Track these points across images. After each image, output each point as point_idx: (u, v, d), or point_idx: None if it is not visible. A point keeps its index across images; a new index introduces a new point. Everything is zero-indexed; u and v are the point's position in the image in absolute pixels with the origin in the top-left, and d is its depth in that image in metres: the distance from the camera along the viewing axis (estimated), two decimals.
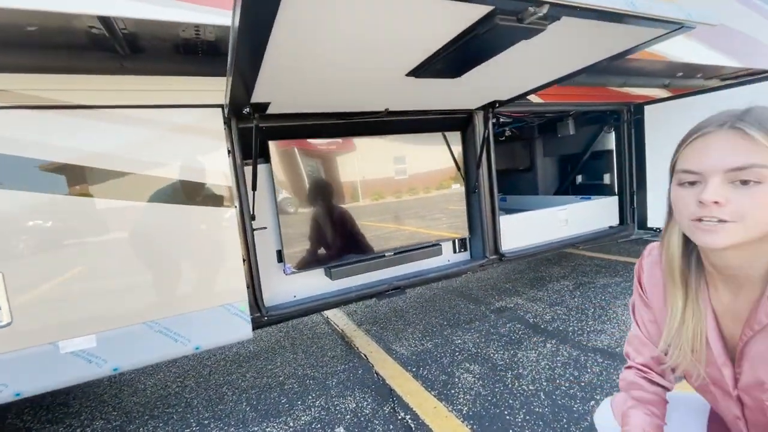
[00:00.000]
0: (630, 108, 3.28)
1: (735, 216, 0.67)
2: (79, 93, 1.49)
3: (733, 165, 0.66)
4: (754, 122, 0.66)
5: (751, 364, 0.76)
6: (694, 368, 0.86)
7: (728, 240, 0.68)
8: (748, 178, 0.65)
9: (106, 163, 1.54)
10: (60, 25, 1.29)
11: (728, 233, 0.67)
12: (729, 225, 0.67)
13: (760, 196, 0.65)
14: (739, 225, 0.67)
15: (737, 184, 0.66)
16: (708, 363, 0.83)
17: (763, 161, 0.64)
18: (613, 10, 1.07)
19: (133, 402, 2.32)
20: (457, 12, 1.05)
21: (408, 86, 1.71)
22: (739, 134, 0.66)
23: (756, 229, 0.67)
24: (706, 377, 0.85)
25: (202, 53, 1.66)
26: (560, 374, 2.15)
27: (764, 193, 0.65)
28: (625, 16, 1.13)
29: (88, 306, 1.54)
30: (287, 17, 0.98)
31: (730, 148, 0.67)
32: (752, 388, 0.77)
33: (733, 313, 0.79)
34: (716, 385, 0.84)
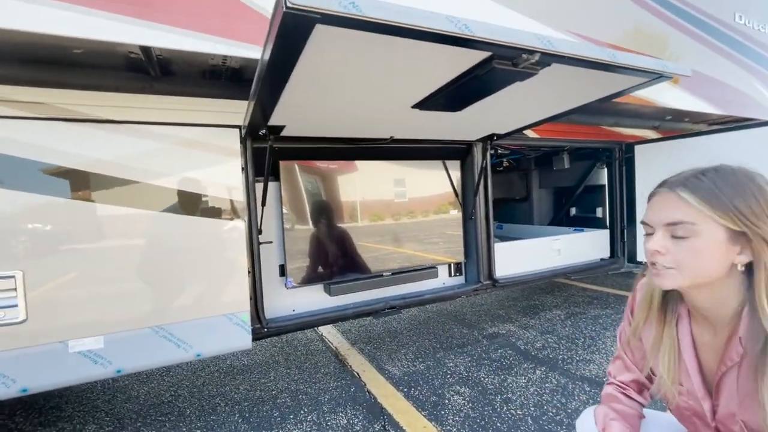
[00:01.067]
0: (621, 147, 3.45)
1: (673, 264, 0.79)
2: (108, 109, 1.62)
3: (668, 221, 0.80)
4: (688, 186, 0.79)
5: (727, 398, 0.83)
6: (673, 396, 0.93)
7: (671, 283, 0.81)
8: (679, 233, 0.78)
9: (128, 174, 1.65)
10: (104, 50, 1.43)
11: (670, 278, 0.81)
12: (671, 271, 0.80)
13: (690, 248, 0.77)
14: (677, 271, 0.79)
15: (677, 236, 0.79)
16: (689, 395, 0.90)
17: (690, 219, 0.77)
18: (596, 60, 1.22)
19: (126, 408, 2.34)
20: (460, 56, 1.19)
21: (412, 117, 1.85)
22: (675, 196, 0.80)
23: (694, 276, 0.79)
24: (688, 408, 0.92)
25: (225, 78, 1.80)
26: (548, 400, 2.20)
27: (693, 245, 0.77)
28: (608, 65, 1.28)
29: (98, 307, 1.61)
30: (310, 56, 1.12)
31: (668, 207, 0.81)
32: (727, 420, 0.84)
33: (713, 349, 0.86)
34: (697, 416, 0.91)
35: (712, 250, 0.76)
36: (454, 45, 1.05)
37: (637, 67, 1.30)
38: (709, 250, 0.76)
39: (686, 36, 3.08)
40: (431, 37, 1.00)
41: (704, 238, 0.76)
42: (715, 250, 0.76)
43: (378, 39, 1.02)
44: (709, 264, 0.77)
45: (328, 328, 3.54)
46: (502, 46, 1.06)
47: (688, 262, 0.78)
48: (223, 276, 1.83)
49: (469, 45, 1.07)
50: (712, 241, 0.76)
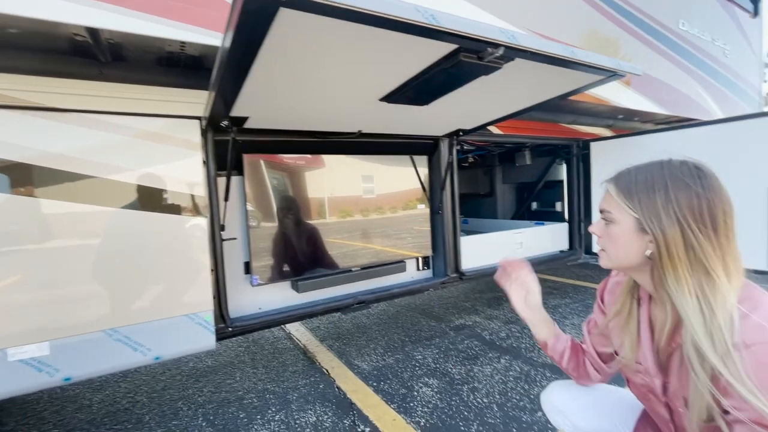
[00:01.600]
0: (579, 143, 3.62)
1: (603, 246, 0.93)
2: (53, 96, 1.49)
3: (600, 208, 0.93)
4: (614, 180, 0.91)
5: (675, 376, 0.88)
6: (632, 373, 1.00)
7: (601, 263, 0.94)
8: (606, 219, 0.91)
9: (77, 168, 1.53)
10: (43, 31, 1.31)
11: (602, 259, 0.95)
12: (602, 253, 0.94)
13: (610, 233, 0.89)
14: (606, 254, 0.93)
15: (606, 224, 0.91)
16: (646, 373, 0.96)
17: (610, 209, 0.89)
18: (556, 55, 1.27)
19: (78, 419, 2.19)
20: (427, 48, 1.19)
21: (380, 110, 1.84)
22: (606, 188, 0.93)
23: (616, 259, 0.90)
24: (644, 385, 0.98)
25: (184, 66, 1.71)
26: (512, 388, 2.28)
27: (612, 231, 0.89)
28: (567, 62, 1.34)
29: (44, 312, 1.49)
30: (272, 42, 1.08)
31: (603, 197, 0.93)
32: (674, 396, 0.90)
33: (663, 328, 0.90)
34: (651, 393, 0.97)
35: (625, 238, 0.86)
36: (421, 36, 1.06)
37: (594, 64, 1.36)
38: (623, 237, 0.86)
39: (636, 40, 3.27)
40: (399, 26, 1.00)
41: (620, 226, 0.87)
42: (628, 238, 0.86)
43: (345, 27, 1.01)
44: (625, 250, 0.87)
45: (296, 325, 3.48)
46: (468, 38, 1.08)
47: (609, 247, 0.91)
48: (183, 274, 1.75)
49: (436, 36, 1.08)
50: (625, 229, 0.86)
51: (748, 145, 2.57)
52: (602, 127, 3.88)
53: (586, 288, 4.16)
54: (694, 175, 0.81)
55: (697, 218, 0.78)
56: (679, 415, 0.91)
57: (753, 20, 4.53)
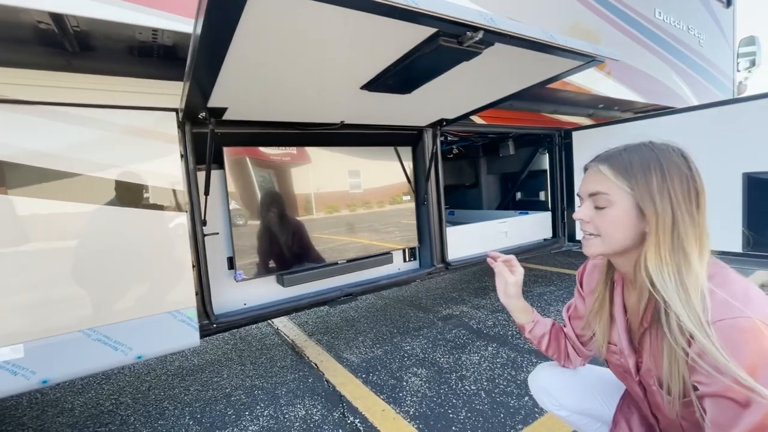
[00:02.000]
0: (561, 133, 3.66)
1: (595, 231, 0.88)
2: (17, 87, 1.42)
3: (590, 191, 0.88)
4: (608, 161, 0.87)
5: (647, 355, 0.91)
6: (606, 354, 1.02)
7: (594, 250, 0.89)
8: (599, 203, 0.86)
9: (44, 162, 1.47)
10: (4, 18, 1.24)
11: (593, 245, 0.89)
12: (595, 239, 0.89)
13: (607, 217, 0.85)
14: (600, 240, 0.88)
15: (597, 207, 0.87)
16: (621, 354, 0.98)
17: (605, 190, 0.85)
18: (536, 39, 1.27)
19: (59, 423, 2.13)
20: (406, 31, 1.18)
21: (362, 100, 1.82)
22: (596, 169, 0.89)
23: (613, 243, 0.86)
24: (619, 365, 1.01)
25: (157, 57, 1.65)
26: (499, 374, 2.31)
27: (608, 214, 0.85)
28: (547, 46, 1.34)
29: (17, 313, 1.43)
30: (247, 28, 1.05)
31: (590, 180, 0.89)
32: (646, 375, 0.92)
33: (637, 311, 0.93)
34: (626, 372, 0.99)
35: (624, 219, 0.83)
36: (401, 19, 1.04)
37: (573, 48, 1.37)
38: (622, 219, 0.83)
39: (616, 31, 3.31)
40: (377, 8, 0.98)
41: (618, 208, 0.84)
42: (627, 219, 0.83)
43: (321, 9, 0.98)
44: (624, 232, 0.84)
45: (283, 321, 3.46)
46: (447, 21, 1.07)
47: (607, 230, 0.86)
48: (164, 271, 1.70)
49: (415, 19, 1.06)
50: (624, 210, 0.83)
51: (723, 131, 2.64)
52: (583, 117, 3.94)
53: (570, 275, 4.24)
54: (680, 156, 0.83)
55: (686, 199, 0.79)
56: (653, 393, 0.93)
57: (726, 10, 4.64)
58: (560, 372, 1.27)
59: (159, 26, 1.37)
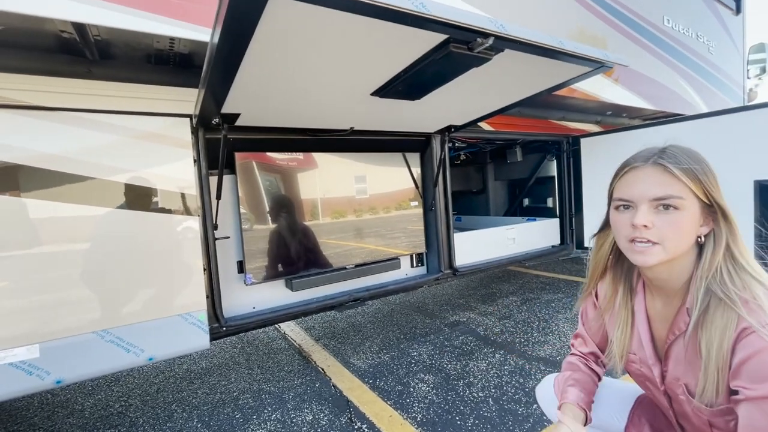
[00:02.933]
0: (569, 140, 3.66)
1: (659, 238, 0.79)
2: (40, 94, 1.46)
3: (657, 195, 0.79)
4: (672, 159, 0.79)
5: (673, 364, 0.88)
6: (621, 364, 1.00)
7: (655, 259, 0.81)
8: (667, 207, 0.78)
9: (62, 167, 1.51)
10: (29, 27, 1.29)
11: (655, 254, 0.80)
12: (655, 247, 0.80)
13: (676, 221, 0.78)
14: (662, 247, 0.80)
15: (660, 210, 0.79)
16: (642, 363, 0.96)
17: (678, 193, 0.77)
18: (545, 45, 1.28)
19: (69, 423, 2.15)
20: (417, 38, 1.20)
21: (372, 106, 1.85)
22: (661, 169, 0.79)
23: (675, 249, 0.80)
24: (641, 375, 0.99)
25: (173, 64, 1.70)
26: (507, 381, 2.29)
27: (679, 218, 0.78)
28: (556, 52, 1.35)
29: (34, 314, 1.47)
30: (262, 36, 1.08)
31: (653, 181, 0.80)
32: (673, 384, 0.90)
33: (663, 318, 0.91)
34: (649, 381, 0.97)
35: (691, 223, 0.79)
36: (411, 25, 1.06)
37: (582, 54, 1.38)
38: (690, 223, 0.78)
39: (623, 37, 3.32)
40: (389, 15, 1.00)
41: (688, 212, 0.78)
42: (692, 223, 0.79)
43: (335, 17, 1.01)
44: (689, 238, 0.79)
45: (290, 325, 3.47)
46: (458, 27, 1.09)
47: (673, 236, 0.78)
48: (176, 274, 1.73)
49: (426, 26, 1.08)
50: (692, 214, 0.78)
51: (733, 139, 2.63)
52: (591, 123, 3.93)
53: (578, 283, 4.20)
54: None
55: None
56: (680, 402, 0.91)
57: (735, 17, 4.63)
58: None
59: (176, 35, 1.41)
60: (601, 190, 0.98)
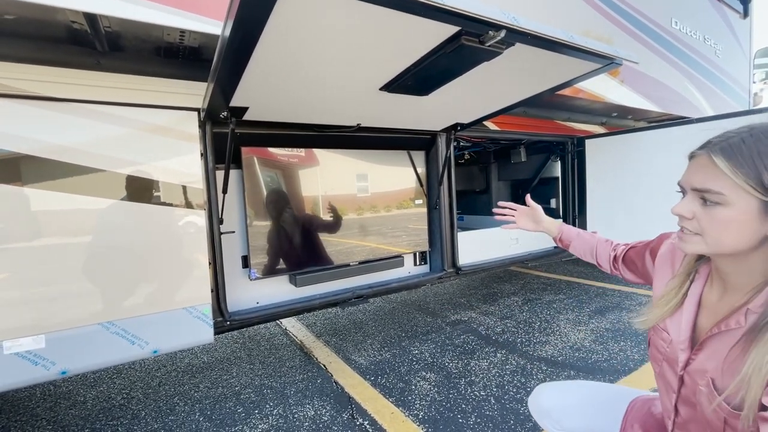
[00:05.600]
0: (573, 140, 3.66)
1: (698, 230, 0.75)
2: (49, 85, 1.46)
3: (697, 186, 0.74)
4: (726, 151, 0.71)
5: (706, 356, 0.84)
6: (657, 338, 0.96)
7: (692, 249, 0.78)
8: (709, 199, 0.73)
9: (70, 158, 1.51)
10: (40, 17, 1.29)
11: (692, 244, 0.77)
12: (695, 237, 0.76)
13: (717, 217, 0.72)
14: (701, 239, 0.75)
15: (704, 203, 0.74)
16: (671, 344, 0.92)
17: (720, 189, 0.70)
18: (557, 39, 1.28)
19: (72, 415, 2.16)
20: (429, 30, 1.20)
21: (380, 102, 1.84)
22: (708, 160, 0.73)
23: (718, 246, 0.74)
24: (663, 353, 0.94)
25: (182, 57, 1.69)
26: (509, 381, 2.30)
27: (720, 214, 0.71)
28: (566, 47, 1.35)
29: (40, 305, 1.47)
30: (275, 28, 1.08)
31: (697, 171, 0.75)
32: (696, 373, 0.86)
33: (713, 309, 0.86)
34: (668, 362, 0.94)
35: (741, 222, 0.70)
36: (423, 16, 1.06)
37: (592, 49, 1.38)
38: (738, 221, 0.71)
39: (630, 38, 3.31)
40: (402, 4, 1.00)
41: (734, 209, 0.70)
42: (745, 222, 0.70)
43: (347, 7, 1.01)
44: (736, 236, 0.72)
45: (292, 321, 3.47)
46: (470, 19, 1.08)
47: (713, 232, 0.73)
48: (182, 268, 1.73)
49: (437, 17, 1.08)
50: (743, 212, 0.70)
51: None
52: (596, 125, 3.93)
53: (579, 284, 4.20)
54: None
55: None
56: (694, 391, 0.88)
57: (743, 21, 4.61)
58: (561, 392, 1.23)
59: (187, 27, 1.41)
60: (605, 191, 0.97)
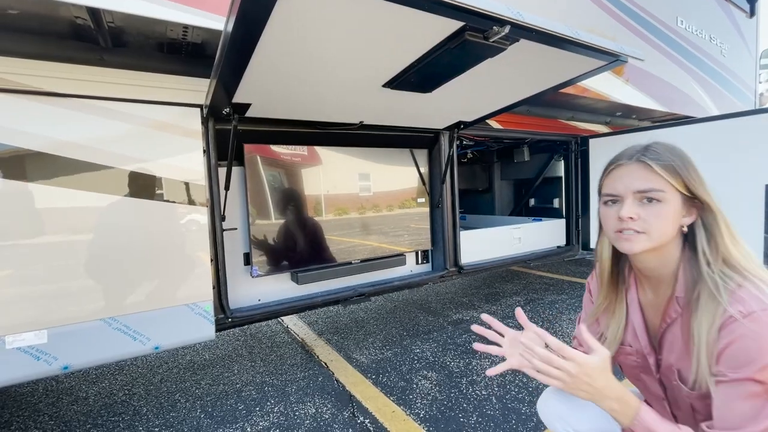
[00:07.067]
0: (577, 140, 3.64)
1: (643, 228, 0.87)
2: (52, 80, 1.46)
3: (639, 188, 0.87)
4: (653, 156, 0.87)
5: (667, 351, 0.92)
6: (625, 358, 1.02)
7: (641, 246, 0.88)
8: (652, 197, 0.86)
9: (72, 153, 1.51)
10: (44, 13, 1.29)
11: (639, 242, 0.88)
12: (641, 236, 0.87)
13: (658, 213, 0.86)
14: (647, 236, 0.87)
15: (644, 203, 0.87)
16: (638, 354, 0.98)
17: (659, 186, 0.86)
18: (562, 35, 1.27)
19: (74, 411, 2.17)
20: (433, 25, 1.19)
21: (383, 99, 1.83)
22: (643, 165, 0.87)
23: (660, 238, 0.87)
24: (637, 366, 1.00)
25: (185, 54, 1.69)
26: (511, 381, 2.29)
27: (662, 210, 0.86)
28: (571, 43, 1.34)
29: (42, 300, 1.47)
30: (277, 23, 1.07)
31: (636, 176, 0.88)
32: (667, 371, 0.92)
33: (655, 307, 0.95)
34: (644, 372, 0.99)
35: (673, 214, 0.86)
36: (427, 11, 1.05)
37: (597, 46, 1.36)
38: (672, 213, 0.86)
39: (635, 36, 3.29)
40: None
41: (670, 204, 0.85)
42: (675, 214, 0.86)
43: (350, 2, 1.00)
44: (671, 227, 0.86)
45: (293, 320, 3.47)
46: (475, 14, 1.08)
47: (657, 226, 0.86)
48: (183, 264, 1.73)
49: (442, 12, 1.07)
50: (675, 205, 0.86)
51: (745, 142, 2.59)
52: (600, 124, 3.91)
53: (582, 284, 4.19)
54: None
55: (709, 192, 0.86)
56: (672, 389, 0.94)
57: (749, 20, 4.57)
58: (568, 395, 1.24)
59: (190, 23, 1.41)
60: None
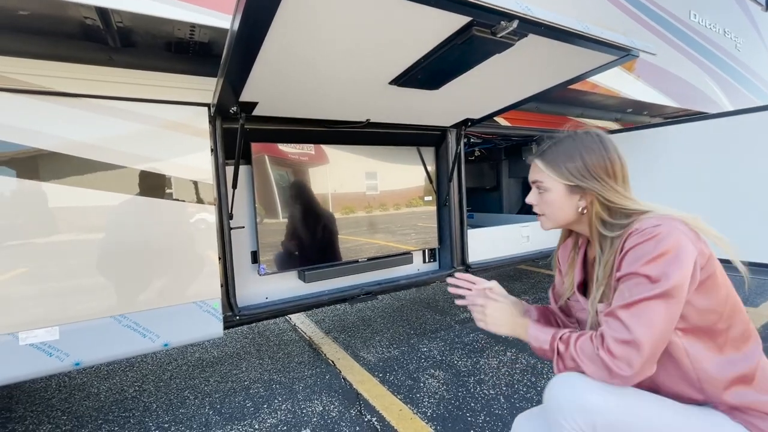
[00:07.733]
0: None
1: (542, 211, 1.10)
2: (62, 80, 1.48)
3: (532, 180, 1.10)
4: (539, 155, 1.08)
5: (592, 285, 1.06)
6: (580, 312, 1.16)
7: (545, 226, 1.12)
8: (540, 187, 1.07)
9: (82, 152, 1.53)
10: (53, 13, 1.30)
11: (545, 222, 1.11)
12: (542, 217, 1.11)
13: (547, 200, 1.06)
14: (546, 217, 1.10)
15: (540, 192, 1.08)
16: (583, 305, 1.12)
17: (542, 179, 1.06)
18: (570, 29, 1.24)
19: (86, 406, 2.20)
20: (439, 21, 1.17)
21: (389, 96, 1.82)
22: (534, 163, 1.09)
23: (556, 220, 1.08)
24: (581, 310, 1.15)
25: (193, 53, 1.70)
26: (519, 380, 2.27)
27: (548, 198, 1.06)
28: (581, 37, 1.32)
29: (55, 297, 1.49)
30: (282, 22, 1.07)
31: (532, 171, 1.10)
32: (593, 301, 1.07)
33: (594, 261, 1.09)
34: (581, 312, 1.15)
35: (559, 201, 1.05)
36: (435, 6, 1.04)
37: (607, 40, 1.34)
38: (557, 200, 1.05)
39: (647, 31, 3.23)
40: None
41: (552, 192, 1.05)
42: (561, 200, 1.05)
43: None
44: (561, 211, 1.06)
45: (301, 318, 3.49)
46: (482, 8, 1.06)
47: (549, 210, 1.08)
48: (191, 262, 1.75)
49: (448, 7, 1.06)
50: (557, 194, 1.05)
51: (760, 138, 2.53)
52: (610, 121, 3.85)
53: None
54: (597, 141, 1.03)
55: (609, 174, 1.00)
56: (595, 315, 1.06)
57: (765, 14, 4.46)
58: None
59: (198, 22, 1.41)
60: None
